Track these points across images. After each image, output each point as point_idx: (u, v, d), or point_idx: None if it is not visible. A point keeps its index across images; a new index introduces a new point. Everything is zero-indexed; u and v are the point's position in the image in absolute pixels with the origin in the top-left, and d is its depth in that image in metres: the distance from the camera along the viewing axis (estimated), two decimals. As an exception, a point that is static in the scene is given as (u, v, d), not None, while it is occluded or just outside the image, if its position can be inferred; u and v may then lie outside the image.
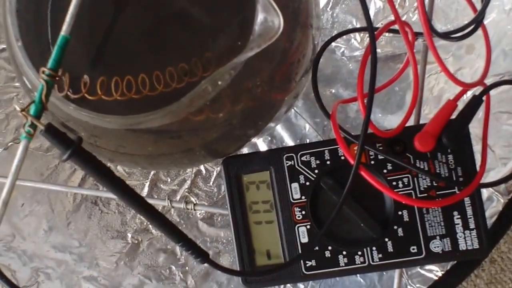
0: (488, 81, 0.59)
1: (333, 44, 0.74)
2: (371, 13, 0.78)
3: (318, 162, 0.59)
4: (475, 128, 0.59)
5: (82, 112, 0.48)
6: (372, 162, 0.58)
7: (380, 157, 0.58)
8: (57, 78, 0.47)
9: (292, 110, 0.75)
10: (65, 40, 0.46)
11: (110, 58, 0.51)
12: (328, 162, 0.59)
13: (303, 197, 0.59)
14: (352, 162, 0.54)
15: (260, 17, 0.44)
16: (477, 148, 0.58)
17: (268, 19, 0.44)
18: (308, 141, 0.78)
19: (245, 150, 0.67)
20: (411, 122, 0.61)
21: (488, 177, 0.69)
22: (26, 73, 0.49)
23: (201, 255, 0.54)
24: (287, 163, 0.60)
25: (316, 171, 0.59)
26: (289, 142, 0.79)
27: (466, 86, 0.58)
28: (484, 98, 0.57)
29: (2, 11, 0.50)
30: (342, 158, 0.59)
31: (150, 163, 0.59)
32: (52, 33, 0.50)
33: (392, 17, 0.58)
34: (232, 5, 0.50)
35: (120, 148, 0.55)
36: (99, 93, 0.48)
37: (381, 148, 0.58)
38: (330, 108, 0.58)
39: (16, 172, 0.49)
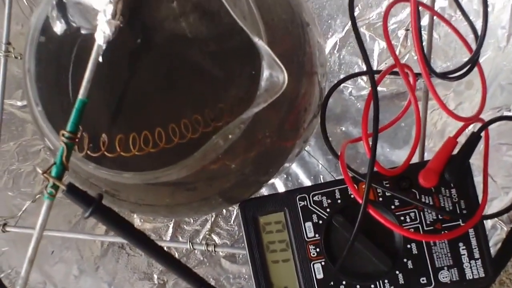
0: (487, 114, 0.61)
1: (342, 84, 0.77)
2: (375, 53, 0.81)
3: (329, 201, 0.62)
4: (476, 159, 0.61)
5: (101, 170, 0.51)
6: (380, 198, 0.61)
7: (387, 193, 0.61)
8: (76, 140, 0.50)
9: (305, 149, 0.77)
10: (82, 104, 0.49)
11: (127, 116, 0.54)
12: (339, 201, 0.62)
13: (316, 235, 0.62)
14: (360, 201, 0.57)
15: (265, 73, 0.47)
16: (479, 179, 0.60)
17: (273, 74, 0.47)
18: (321, 177, 0.81)
19: (263, 189, 0.69)
20: (416, 156, 0.63)
21: (491, 206, 0.71)
22: (47, 135, 0.52)
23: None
24: (300, 203, 0.62)
25: (328, 209, 0.62)
26: (304, 179, 0.81)
27: (465, 121, 0.60)
28: (482, 134, 0.60)
29: (22, 74, 0.53)
30: (352, 196, 0.61)
31: (170, 212, 0.61)
32: (72, 95, 0.53)
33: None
34: (242, 59, 0.53)
35: (140, 200, 0.58)
36: (117, 150, 0.51)
37: (388, 185, 0.60)
38: (341, 144, 0.61)
39: (40, 231, 0.51)
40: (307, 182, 0.84)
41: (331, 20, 0.84)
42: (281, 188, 0.85)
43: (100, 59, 0.49)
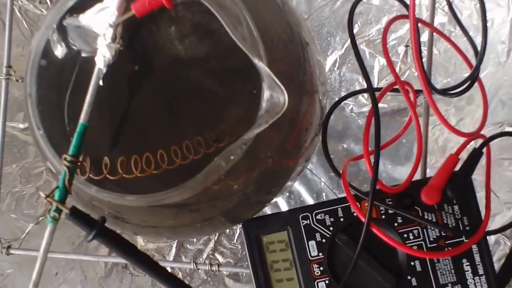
0: (489, 129, 0.61)
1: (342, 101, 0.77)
2: (375, 70, 0.81)
3: (332, 219, 0.62)
4: (478, 175, 0.61)
5: (104, 193, 0.51)
6: (383, 216, 0.61)
7: (390, 211, 0.61)
8: (78, 164, 0.50)
9: (307, 168, 0.77)
10: (84, 128, 0.50)
11: (128, 138, 0.55)
12: (341, 219, 0.62)
13: (320, 254, 0.62)
14: (363, 219, 0.57)
15: (266, 94, 0.47)
16: (481, 194, 0.60)
17: (274, 95, 0.47)
18: (324, 195, 0.81)
19: (266, 208, 0.69)
20: (418, 173, 0.63)
21: (494, 221, 0.71)
22: (49, 158, 0.52)
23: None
24: (303, 222, 0.62)
25: (331, 228, 0.62)
26: (306, 197, 0.81)
27: (466, 137, 0.60)
28: (484, 150, 0.60)
29: (24, 97, 0.54)
30: (355, 214, 0.61)
31: (174, 233, 0.61)
32: (73, 118, 0.53)
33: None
34: (242, 78, 0.53)
35: (143, 222, 0.58)
36: (120, 172, 0.51)
37: (390, 203, 0.60)
38: (342, 161, 0.61)
39: (44, 255, 0.52)
40: (310, 200, 0.84)
41: (330, 37, 0.84)
42: (283, 206, 0.85)
43: (101, 83, 0.49)
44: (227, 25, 0.47)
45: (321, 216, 0.62)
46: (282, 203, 0.84)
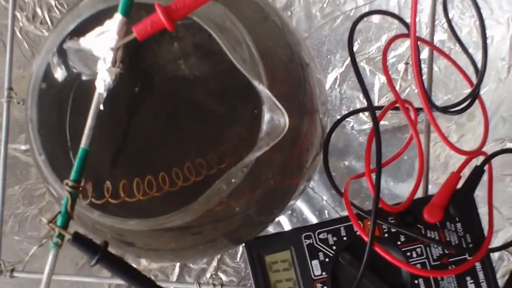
0: (490, 145, 0.61)
1: (343, 119, 0.77)
2: (376, 87, 0.81)
3: (335, 238, 0.62)
4: (480, 190, 0.61)
5: (106, 218, 0.51)
6: (386, 234, 0.61)
7: (393, 229, 0.61)
8: (80, 189, 0.50)
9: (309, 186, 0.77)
10: (85, 152, 0.49)
11: (130, 161, 0.54)
12: (344, 238, 0.61)
13: (323, 273, 0.61)
14: (366, 239, 0.57)
15: (266, 116, 0.48)
16: (484, 210, 0.60)
17: (274, 118, 0.47)
18: (326, 212, 0.81)
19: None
20: (421, 190, 0.63)
21: (497, 237, 0.71)
22: (51, 183, 0.52)
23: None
24: (306, 241, 0.62)
25: (334, 247, 0.62)
26: (308, 214, 0.81)
27: (467, 155, 0.60)
28: (486, 167, 0.60)
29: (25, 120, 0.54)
30: (358, 233, 0.60)
31: (176, 256, 0.61)
32: (74, 142, 0.53)
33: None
34: (242, 98, 0.53)
35: (145, 245, 0.58)
36: (122, 196, 0.51)
37: (393, 221, 0.60)
38: (344, 179, 0.61)
39: (48, 280, 0.52)
40: (312, 217, 0.84)
41: (330, 55, 0.85)
42: (286, 224, 0.85)
43: (101, 107, 0.49)
44: (226, 48, 0.47)
45: (324, 235, 0.62)
46: (284, 221, 0.84)
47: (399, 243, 0.61)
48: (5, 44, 0.77)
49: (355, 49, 0.82)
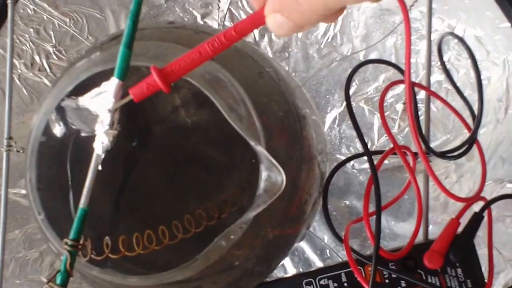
0: (489, 185, 0.61)
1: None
2: (375, 127, 0.81)
3: (336, 284, 0.62)
4: (481, 231, 0.61)
5: (106, 274, 0.51)
6: (387, 280, 0.61)
7: (393, 275, 0.61)
8: (79, 247, 0.50)
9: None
10: (84, 212, 0.49)
11: (128, 216, 0.55)
12: (345, 284, 0.62)
13: (325, 319, 0.62)
14: (366, 287, 0.57)
15: (264, 174, 0.48)
16: (484, 251, 0.60)
17: (271, 176, 0.47)
18: (327, 251, 0.81)
19: None
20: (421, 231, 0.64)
21: (498, 279, 0.71)
22: (51, 241, 0.52)
23: None
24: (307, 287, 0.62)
25: (335, 293, 0.62)
26: (310, 254, 0.81)
27: (466, 201, 0.60)
28: (485, 213, 0.60)
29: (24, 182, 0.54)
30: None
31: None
32: (73, 201, 0.55)
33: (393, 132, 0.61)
34: (240, 149, 0.53)
35: (145, 299, 0.58)
36: (122, 251, 0.51)
37: (393, 267, 0.60)
38: (345, 218, 0.61)
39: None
40: (314, 257, 0.84)
41: (329, 95, 0.85)
42: (287, 263, 0.85)
43: (100, 167, 0.50)
44: (222, 108, 0.47)
45: (324, 281, 0.62)
46: (285, 261, 0.84)
47: (400, 289, 0.61)
48: (4, 91, 0.77)
49: (353, 90, 0.82)
